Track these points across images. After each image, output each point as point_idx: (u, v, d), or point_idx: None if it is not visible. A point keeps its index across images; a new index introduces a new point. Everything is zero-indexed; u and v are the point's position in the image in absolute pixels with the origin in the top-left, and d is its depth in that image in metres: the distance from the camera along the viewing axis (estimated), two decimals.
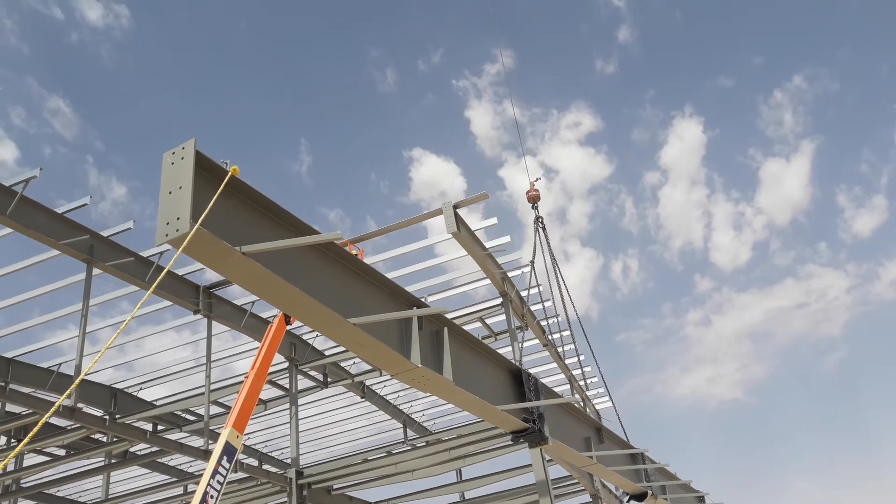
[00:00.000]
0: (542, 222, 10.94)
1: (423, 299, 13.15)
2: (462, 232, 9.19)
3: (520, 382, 7.12)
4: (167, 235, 3.73)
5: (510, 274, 12.04)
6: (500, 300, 12.90)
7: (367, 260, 12.62)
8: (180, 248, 3.70)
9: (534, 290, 12.07)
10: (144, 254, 11.96)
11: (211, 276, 12.77)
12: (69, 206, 10.81)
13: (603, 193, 53.66)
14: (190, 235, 3.68)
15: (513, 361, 7.63)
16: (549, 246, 10.91)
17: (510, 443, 13.18)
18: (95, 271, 11.37)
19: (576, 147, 50.72)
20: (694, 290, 55.32)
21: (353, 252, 9.48)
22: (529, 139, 49.94)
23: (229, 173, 4.05)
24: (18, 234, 10.24)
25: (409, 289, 13.49)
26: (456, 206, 8.91)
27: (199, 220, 3.71)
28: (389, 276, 13.02)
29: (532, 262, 10.62)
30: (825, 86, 47.98)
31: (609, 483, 11.57)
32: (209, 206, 3.80)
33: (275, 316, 12.00)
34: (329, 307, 4.61)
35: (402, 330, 5.49)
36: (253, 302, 13.55)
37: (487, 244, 11.82)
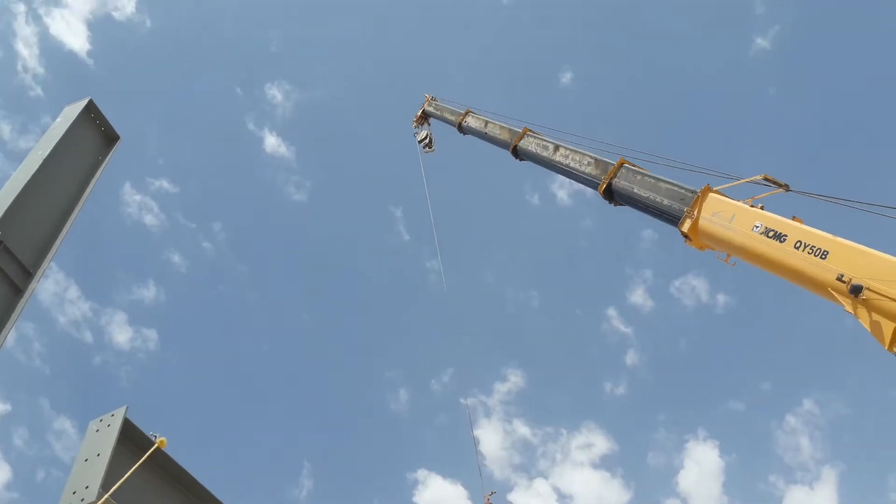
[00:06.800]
0: None
1: None
2: None
3: None
4: None
5: None
6: None
7: None
8: None
9: None
10: None
11: None
12: None
13: None
14: None
15: None
16: None
17: None
18: None
19: (589, 470, 49.07)
20: None
21: None
22: (540, 461, 48.58)
23: (155, 445, 3.99)
24: None
25: None
26: None
27: (110, 491, 3.59)
28: None
29: None
30: (837, 410, 47.55)
31: None
32: (124, 478, 3.70)
33: None
34: None
35: None
36: None
37: None
